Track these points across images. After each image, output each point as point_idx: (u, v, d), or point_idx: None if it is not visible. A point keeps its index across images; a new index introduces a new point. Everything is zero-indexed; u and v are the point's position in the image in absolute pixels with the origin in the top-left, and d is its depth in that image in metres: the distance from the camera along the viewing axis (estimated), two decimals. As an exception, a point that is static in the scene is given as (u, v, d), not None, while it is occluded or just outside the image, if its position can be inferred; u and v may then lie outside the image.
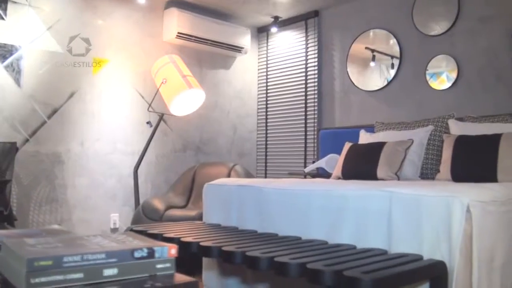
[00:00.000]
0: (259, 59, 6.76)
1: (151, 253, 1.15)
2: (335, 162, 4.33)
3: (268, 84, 6.62)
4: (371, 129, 4.57)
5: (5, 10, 4.51)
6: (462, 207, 1.93)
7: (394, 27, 5.26)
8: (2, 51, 4.46)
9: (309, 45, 6.11)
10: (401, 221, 2.08)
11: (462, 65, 4.68)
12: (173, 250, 1.17)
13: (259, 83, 6.75)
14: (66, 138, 4.88)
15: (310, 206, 2.49)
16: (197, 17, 5.68)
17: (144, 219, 4.20)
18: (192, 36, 5.64)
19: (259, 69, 6.76)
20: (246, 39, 6.20)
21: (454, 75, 4.71)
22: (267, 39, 6.66)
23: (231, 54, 6.27)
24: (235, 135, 6.46)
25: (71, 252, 1.10)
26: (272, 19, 6.23)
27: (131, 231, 2.83)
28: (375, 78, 5.39)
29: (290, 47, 6.37)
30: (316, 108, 5.97)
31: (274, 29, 6.33)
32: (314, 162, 5.09)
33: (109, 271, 1.10)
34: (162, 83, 4.84)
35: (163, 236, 2.54)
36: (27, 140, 4.60)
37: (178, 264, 1.24)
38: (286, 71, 6.39)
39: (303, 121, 6.09)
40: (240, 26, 6.18)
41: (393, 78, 5.25)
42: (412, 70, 5.08)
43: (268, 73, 6.62)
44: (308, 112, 6.05)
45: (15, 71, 4.54)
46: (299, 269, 1.78)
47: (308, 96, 6.06)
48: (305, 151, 6.01)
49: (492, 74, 4.49)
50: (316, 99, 5.98)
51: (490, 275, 2.08)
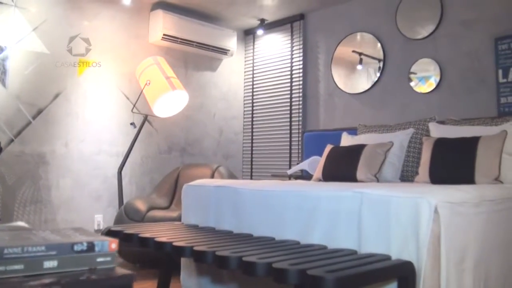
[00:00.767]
0: (245, 61, 6.79)
1: (91, 247, 1.18)
2: (317, 164, 4.35)
3: (254, 86, 6.64)
4: (354, 131, 4.60)
5: (-10, 11, 4.52)
6: (429, 207, 1.95)
7: (378, 30, 5.30)
8: (-14, 51, 4.46)
9: (294, 47, 6.14)
10: (370, 221, 2.10)
11: (445, 68, 4.72)
12: (113, 245, 1.19)
13: (245, 86, 6.77)
14: (50, 139, 4.88)
15: (284, 207, 2.51)
16: (183, 19, 5.69)
17: (126, 220, 4.20)
18: (178, 38, 5.65)
19: (245, 71, 6.78)
20: (232, 42, 6.22)
21: (437, 78, 4.75)
22: (253, 41, 6.69)
23: (217, 56, 6.28)
24: (221, 137, 6.47)
25: (13, 244, 1.13)
26: (258, 22, 6.26)
27: (108, 232, 2.84)
28: (363, 81, 5.42)
29: (276, 50, 6.40)
30: (300, 110, 6.00)
31: (260, 31, 6.36)
32: (298, 164, 5.11)
33: (49, 263, 1.13)
34: (146, 84, 4.85)
35: (138, 236, 2.55)
36: (12, 140, 4.59)
37: (158, 264, 1.25)
38: (272, 73, 6.42)
39: (288, 123, 6.12)
40: (226, 29, 6.20)
41: (376, 81, 5.28)
42: (395, 73, 5.12)
43: (254, 75, 6.65)
44: (293, 115, 6.08)
45: (0, 72, 4.53)
46: (265, 268, 1.79)
47: (293, 99, 6.08)
48: (290, 153, 6.03)
49: (474, 77, 4.53)
50: (301, 102, 6.01)
51: (460, 275, 2.10)
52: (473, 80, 4.54)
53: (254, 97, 6.63)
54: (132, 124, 5.11)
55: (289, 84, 6.17)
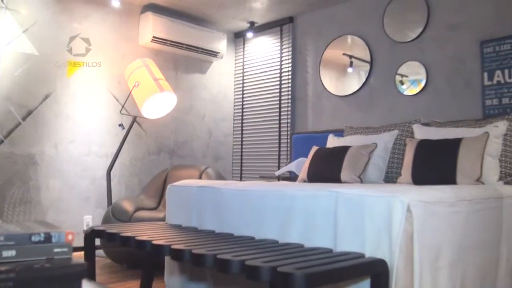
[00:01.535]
0: (235, 63, 6.83)
1: (48, 237, 1.23)
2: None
3: (244, 88, 6.68)
4: (342, 133, 4.63)
5: (-20, 12, 4.55)
6: (402, 206, 1.98)
7: (365, 33, 5.35)
8: (-25, 52, 4.49)
9: (283, 50, 6.19)
10: (345, 220, 2.13)
11: (431, 71, 4.76)
12: (70, 236, 1.22)
13: (235, 88, 6.81)
14: (40, 140, 4.90)
15: (264, 207, 2.54)
16: (173, 21, 5.72)
17: (113, 220, 4.21)
18: (168, 40, 5.68)
19: (235, 73, 6.82)
20: (222, 44, 6.25)
21: (423, 81, 4.79)
22: (243, 44, 6.72)
23: (207, 58, 6.32)
24: (210, 139, 6.50)
25: (-25, 235, 1.17)
26: (248, 25, 6.30)
27: (92, 231, 2.86)
28: (354, 84, 5.46)
29: (266, 52, 6.44)
30: (289, 112, 6.03)
31: (250, 34, 6.40)
32: (286, 166, 5.15)
33: (7, 253, 1.19)
34: (135, 86, 4.88)
35: (120, 235, 2.58)
36: (1, 141, 4.61)
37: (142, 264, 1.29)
38: (262, 76, 6.46)
39: (277, 125, 6.16)
40: (216, 31, 6.24)
41: (364, 84, 5.32)
42: (382, 75, 5.16)
43: (244, 77, 6.69)
44: (282, 117, 6.12)
45: (-10, 73, 4.56)
46: (239, 265, 1.82)
47: (282, 101, 6.12)
48: (279, 154, 6.07)
49: (460, 80, 4.58)
50: (289, 104, 6.04)
51: (435, 274, 2.12)
52: (459, 83, 4.59)
53: (244, 99, 6.66)
54: (120, 125, 5.14)
55: (278, 86, 6.21)
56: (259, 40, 6.52)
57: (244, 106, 6.67)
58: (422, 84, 4.83)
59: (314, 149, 4.26)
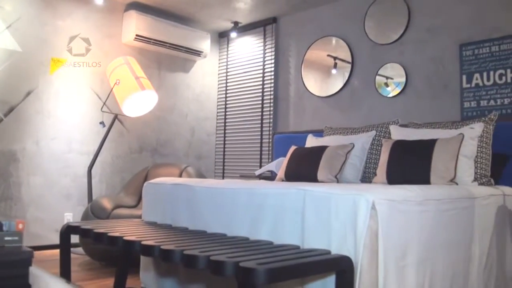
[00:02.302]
0: (219, 63, 6.85)
1: None
2: (283, 165, 4.41)
3: (228, 88, 6.70)
4: (321, 134, 4.65)
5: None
6: (367, 204, 2.01)
7: (347, 35, 5.39)
8: (-44, 48, 4.48)
9: (267, 50, 6.22)
10: (313, 218, 2.16)
11: (410, 73, 4.81)
12: (20, 225, 1.25)
13: (219, 87, 6.83)
14: (21, 137, 4.90)
15: (235, 204, 2.56)
16: (156, 20, 5.74)
17: (92, 217, 4.23)
18: (151, 39, 5.69)
19: (219, 73, 6.84)
20: (205, 43, 6.27)
21: (403, 83, 4.84)
22: (227, 44, 6.75)
23: (190, 57, 6.34)
24: (193, 138, 6.52)
25: None
26: (232, 25, 6.32)
27: (67, 227, 2.87)
28: (338, 85, 5.49)
29: (249, 52, 6.47)
30: (271, 112, 6.06)
31: (233, 34, 6.42)
32: (266, 165, 5.17)
33: None
34: (116, 84, 4.88)
35: (93, 231, 2.59)
36: (-18, 137, 4.62)
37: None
38: (245, 75, 6.49)
39: (259, 125, 6.19)
40: (200, 31, 6.26)
41: (344, 85, 5.36)
42: (363, 77, 5.20)
43: (228, 77, 6.71)
44: (264, 117, 6.15)
45: (-28, 69, 4.56)
46: (205, 261, 1.84)
47: (265, 101, 6.16)
48: (260, 154, 6.10)
49: (439, 82, 4.63)
50: (272, 104, 6.07)
51: (401, 271, 2.15)
52: (438, 85, 4.64)
53: (227, 99, 6.69)
54: (101, 123, 5.14)
55: (261, 86, 6.24)
56: (243, 40, 6.55)
57: (227, 106, 6.69)
58: (392, 85, 4.89)
59: (292, 148, 4.29)
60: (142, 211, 3.36)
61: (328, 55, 5.61)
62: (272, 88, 6.11)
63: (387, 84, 5.01)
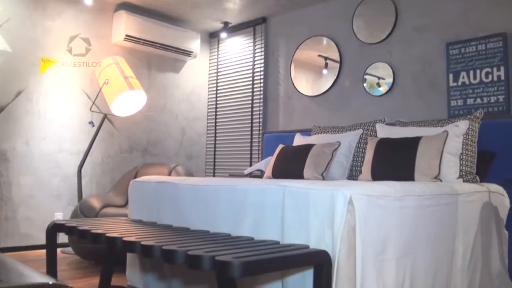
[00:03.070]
0: (210, 63, 6.88)
1: None
2: (272, 163, 4.44)
3: (218, 88, 6.72)
4: (310, 133, 4.68)
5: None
6: (344, 199, 2.03)
7: (335, 34, 5.42)
8: None
9: (256, 50, 6.25)
10: (292, 213, 2.18)
11: (398, 72, 4.84)
12: None
13: (209, 87, 6.85)
14: (11, 136, 4.91)
15: (218, 201, 2.59)
16: (146, 20, 5.75)
17: (80, 216, 4.24)
18: (141, 39, 5.71)
19: (209, 73, 6.87)
20: (195, 44, 6.29)
21: (390, 82, 4.86)
22: (218, 44, 6.77)
23: (180, 58, 6.35)
24: (183, 138, 6.54)
25: None
26: (222, 25, 6.34)
27: (54, 225, 2.89)
28: (328, 85, 5.50)
29: (239, 52, 6.50)
30: (261, 112, 6.09)
31: (223, 34, 6.44)
32: (255, 164, 5.20)
33: None
34: (105, 83, 4.90)
35: (77, 229, 2.61)
36: (-28, 137, 4.63)
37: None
38: (235, 75, 6.52)
39: (249, 124, 6.22)
40: (190, 31, 6.28)
41: (333, 84, 5.39)
42: (351, 76, 5.23)
43: (218, 77, 6.74)
44: (254, 116, 6.17)
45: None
46: (183, 255, 1.87)
47: (255, 101, 6.18)
48: (250, 153, 6.12)
49: (426, 81, 4.66)
50: (261, 104, 6.10)
51: (380, 266, 2.17)
52: (424, 84, 4.67)
53: (218, 98, 6.71)
54: (90, 123, 5.16)
55: (251, 86, 6.27)
56: (233, 40, 6.58)
57: (217, 106, 6.71)
58: (381, 84, 4.92)
59: (280, 147, 4.32)
60: (127, 209, 3.38)
61: (319, 55, 5.63)
62: (261, 88, 6.13)
63: (379, 84, 5.03)
